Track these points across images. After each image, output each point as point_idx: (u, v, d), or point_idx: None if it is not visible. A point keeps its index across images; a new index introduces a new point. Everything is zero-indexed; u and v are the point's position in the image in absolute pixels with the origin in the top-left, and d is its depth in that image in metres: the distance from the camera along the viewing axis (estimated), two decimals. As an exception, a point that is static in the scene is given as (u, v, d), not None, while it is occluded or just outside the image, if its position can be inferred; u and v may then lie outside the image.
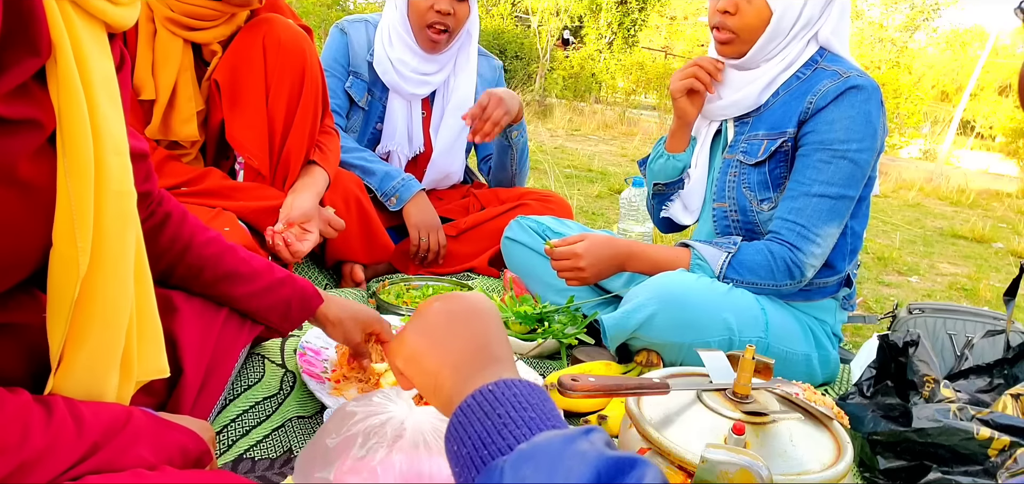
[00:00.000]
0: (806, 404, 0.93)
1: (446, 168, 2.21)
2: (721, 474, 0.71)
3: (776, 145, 1.48)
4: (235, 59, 1.50)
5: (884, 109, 1.46)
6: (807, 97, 1.45)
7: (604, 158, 6.02)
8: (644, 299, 1.38)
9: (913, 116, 9.44)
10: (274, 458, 1.09)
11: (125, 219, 0.64)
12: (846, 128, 1.41)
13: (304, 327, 1.45)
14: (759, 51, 1.49)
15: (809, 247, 1.43)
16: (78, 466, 0.59)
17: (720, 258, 1.48)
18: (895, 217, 4.94)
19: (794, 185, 1.46)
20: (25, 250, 0.60)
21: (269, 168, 1.58)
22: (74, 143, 0.57)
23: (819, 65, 1.49)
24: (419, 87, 2.11)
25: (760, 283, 1.47)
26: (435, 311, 0.62)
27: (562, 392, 0.82)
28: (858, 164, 1.42)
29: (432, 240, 2.03)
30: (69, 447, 0.59)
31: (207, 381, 1.03)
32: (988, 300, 2.85)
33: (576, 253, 1.52)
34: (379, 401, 0.80)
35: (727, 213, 1.57)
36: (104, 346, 0.65)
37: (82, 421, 0.61)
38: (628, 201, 2.98)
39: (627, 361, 1.48)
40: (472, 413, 0.51)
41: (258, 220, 1.55)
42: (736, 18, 1.47)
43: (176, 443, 0.71)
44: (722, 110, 1.59)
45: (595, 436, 0.46)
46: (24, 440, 0.55)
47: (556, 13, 11.85)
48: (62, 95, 0.56)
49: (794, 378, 1.44)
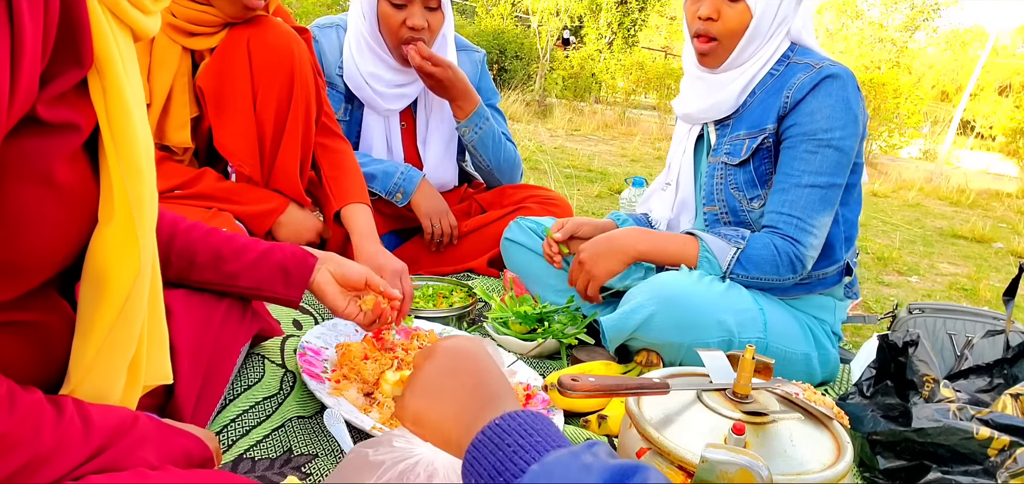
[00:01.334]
0: (806, 404, 0.93)
1: (440, 179, 2.16)
2: (721, 474, 0.71)
3: (757, 143, 1.50)
4: (220, 64, 1.45)
5: (861, 94, 1.47)
6: (783, 92, 1.47)
7: (604, 158, 6.03)
8: (643, 300, 1.38)
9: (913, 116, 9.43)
10: (274, 458, 1.09)
11: (154, 221, 0.66)
12: (827, 117, 1.42)
13: (303, 326, 1.45)
14: (739, 55, 1.50)
15: (807, 239, 1.44)
16: (83, 466, 0.60)
17: (728, 254, 1.47)
18: (895, 217, 4.94)
19: (783, 177, 1.47)
20: (55, 251, 0.62)
21: (261, 175, 1.55)
22: (126, 146, 0.60)
23: (791, 60, 1.50)
24: (395, 102, 2.03)
25: (764, 278, 1.47)
26: (426, 371, 0.64)
27: (562, 392, 0.82)
28: (843, 151, 1.44)
29: (443, 224, 2.02)
30: (76, 447, 0.60)
31: (206, 385, 1.02)
32: (988, 300, 2.85)
33: (580, 256, 1.51)
34: (402, 446, 0.78)
35: (718, 215, 1.58)
36: (120, 349, 0.66)
37: (90, 422, 0.61)
38: (628, 201, 2.98)
39: (627, 361, 1.48)
40: (484, 447, 0.54)
41: (255, 223, 1.54)
42: (719, 23, 1.48)
43: (180, 448, 0.72)
44: (702, 114, 1.60)
45: (598, 448, 0.50)
46: (35, 438, 0.56)
47: (556, 13, 11.85)
48: (110, 102, 0.58)
49: (794, 377, 1.44)
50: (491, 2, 13.24)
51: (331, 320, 1.47)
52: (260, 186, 1.57)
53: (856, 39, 14.86)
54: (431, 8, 1.90)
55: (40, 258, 0.61)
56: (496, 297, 1.75)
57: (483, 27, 12.45)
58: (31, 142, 0.55)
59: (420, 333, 1.48)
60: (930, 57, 20.37)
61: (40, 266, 0.62)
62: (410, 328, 1.51)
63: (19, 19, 0.49)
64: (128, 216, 0.61)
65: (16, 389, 0.56)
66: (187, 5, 1.41)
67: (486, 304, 1.82)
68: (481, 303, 1.83)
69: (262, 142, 1.52)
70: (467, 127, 2.03)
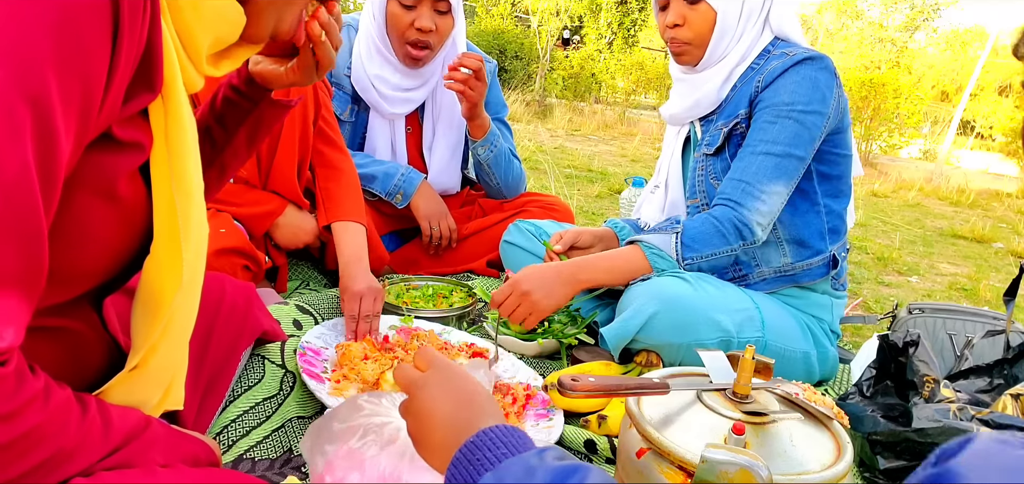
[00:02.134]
0: (806, 404, 0.93)
1: (444, 185, 2.15)
2: (721, 474, 0.71)
3: (729, 128, 1.51)
4: None
5: (838, 80, 1.48)
6: (756, 79, 1.49)
7: (604, 158, 6.03)
8: (643, 302, 1.38)
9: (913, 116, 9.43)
10: (274, 458, 1.09)
11: (202, 246, 0.70)
12: (791, 91, 1.44)
13: (303, 327, 1.45)
14: (713, 52, 1.53)
15: (752, 203, 1.43)
16: (99, 463, 0.63)
17: (672, 242, 1.47)
18: (895, 217, 4.94)
19: (742, 149, 1.48)
20: (106, 263, 0.65)
21: (259, 177, 1.55)
22: (180, 169, 0.64)
23: (772, 53, 1.52)
24: (401, 106, 2.02)
25: (717, 252, 1.46)
26: (409, 424, 0.69)
27: (562, 392, 0.82)
28: (804, 125, 1.43)
29: (442, 227, 2.02)
30: (96, 445, 0.62)
31: (207, 393, 1.04)
32: (988, 300, 2.85)
33: (517, 286, 1.40)
34: (386, 405, 0.85)
35: (699, 207, 1.59)
36: (162, 368, 0.70)
37: (110, 422, 0.64)
38: (628, 201, 2.98)
39: (627, 361, 1.47)
40: (458, 466, 0.61)
41: (253, 224, 1.54)
42: (685, 28, 1.53)
43: (189, 452, 0.75)
44: (686, 112, 1.62)
45: (547, 453, 0.57)
46: (62, 432, 0.58)
47: (556, 13, 11.85)
48: (171, 127, 0.63)
49: (793, 376, 1.44)
50: (491, 2, 13.24)
51: (331, 320, 1.47)
52: (258, 188, 1.57)
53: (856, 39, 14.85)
54: (441, 11, 1.89)
55: (91, 269, 0.64)
56: (496, 297, 1.75)
57: (483, 27, 12.45)
58: (103, 158, 0.59)
59: (420, 333, 1.48)
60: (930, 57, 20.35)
61: (89, 276, 0.65)
62: (410, 328, 1.51)
63: (120, 39, 0.53)
64: (176, 235, 0.65)
65: (52, 384, 0.58)
66: None
67: (486, 304, 1.83)
68: (481, 303, 1.83)
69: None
70: (483, 146, 2.04)
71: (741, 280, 1.55)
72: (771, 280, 1.55)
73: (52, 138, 0.50)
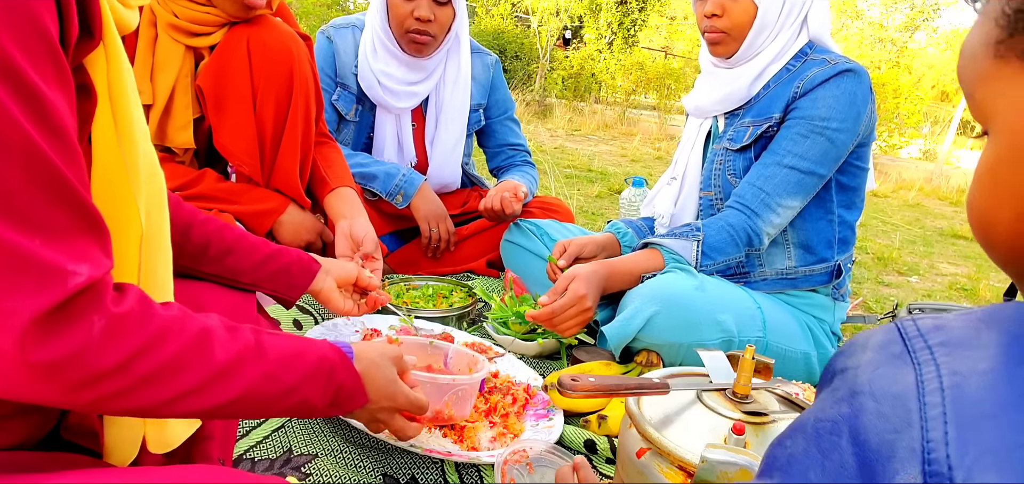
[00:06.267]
0: (806, 404, 0.93)
1: (444, 180, 2.16)
2: (721, 474, 0.71)
3: (761, 130, 1.50)
4: (219, 64, 1.45)
5: (873, 96, 1.48)
6: (795, 83, 1.47)
7: (604, 158, 6.02)
8: (643, 302, 1.38)
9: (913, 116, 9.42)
10: (274, 458, 1.09)
11: (161, 202, 0.69)
12: (829, 106, 1.43)
13: (303, 326, 1.45)
14: (750, 46, 1.51)
15: (768, 215, 1.45)
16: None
17: (692, 249, 1.48)
18: (895, 217, 4.94)
19: (769, 154, 1.48)
20: None
21: (261, 175, 1.55)
22: (125, 117, 0.63)
23: (809, 56, 1.51)
24: (406, 100, 2.03)
25: (729, 259, 1.48)
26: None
27: (562, 392, 0.83)
28: (834, 143, 1.44)
29: (441, 229, 2.02)
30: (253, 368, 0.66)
31: None
32: (988, 300, 2.85)
33: (582, 300, 1.37)
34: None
35: (713, 201, 1.58)
36: None
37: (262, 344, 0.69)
38: (628, 201, 2.98)
39: (627, 361, 1.48)
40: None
41: (255, 223, 1.54)
42: (724, 19, 1.50)
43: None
44: (714, 106, 1.60)
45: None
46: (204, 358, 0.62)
47: (556, 13, 11.84)
48: (112, 71, 0.62)
49: (793, 376, 1.44)
50: (491, 2, 13.24)
51: (331, 320, 1.47)
52: (260, 186, 1.57)
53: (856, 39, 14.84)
54: (440, 2, 1.91)
55: None
56: (496, 297, 1.75)
57: (483, 27, 12.45)
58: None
59: (420, 333, 1.48)
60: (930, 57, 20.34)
61: None
62: (410, 328, 1.51)
63: None
64: (129, 190, 0.64)
65: (186, 312, 0.61)
66: (189, 6, 1.40)
67: (486, 304, 1.83)
68: (481, 303, 1.84)
69: (262, 142, 1.52)
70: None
71: (741, 278, 1.55)
72: (772, 281, 1.54)
73: (38, 97, 0.49)
